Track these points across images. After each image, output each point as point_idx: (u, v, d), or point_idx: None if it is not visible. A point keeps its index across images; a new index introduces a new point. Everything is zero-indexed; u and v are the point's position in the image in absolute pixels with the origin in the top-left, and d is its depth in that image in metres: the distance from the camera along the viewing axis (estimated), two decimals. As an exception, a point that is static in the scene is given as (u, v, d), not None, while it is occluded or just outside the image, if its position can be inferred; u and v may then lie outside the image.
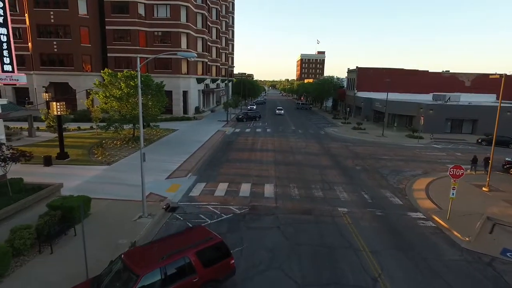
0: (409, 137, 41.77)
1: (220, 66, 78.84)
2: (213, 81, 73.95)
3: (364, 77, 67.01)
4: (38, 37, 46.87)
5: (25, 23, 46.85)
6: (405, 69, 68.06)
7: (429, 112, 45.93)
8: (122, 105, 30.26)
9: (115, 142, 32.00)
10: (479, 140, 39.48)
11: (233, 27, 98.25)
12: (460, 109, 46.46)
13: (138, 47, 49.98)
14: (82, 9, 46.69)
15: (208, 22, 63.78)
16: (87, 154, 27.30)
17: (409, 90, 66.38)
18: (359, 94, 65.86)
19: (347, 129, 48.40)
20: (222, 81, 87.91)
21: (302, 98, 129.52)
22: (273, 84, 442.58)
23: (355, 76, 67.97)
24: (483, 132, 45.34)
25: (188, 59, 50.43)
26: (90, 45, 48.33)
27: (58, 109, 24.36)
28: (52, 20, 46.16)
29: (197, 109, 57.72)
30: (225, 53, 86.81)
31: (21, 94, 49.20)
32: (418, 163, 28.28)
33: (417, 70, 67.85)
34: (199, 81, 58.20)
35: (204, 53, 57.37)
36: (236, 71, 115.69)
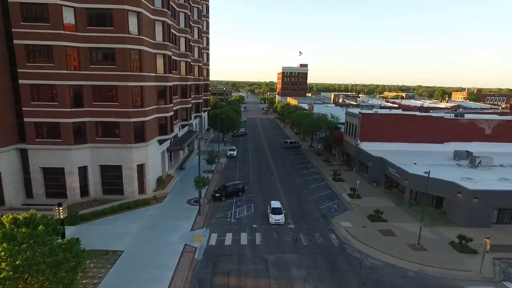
0: (458, 249, 29.53)
1: (192, 83, 63.70)
2: (183, 125, 59.67)
3: (368, 124, 55.06)
4: None
5: None
6: (417, 115, 56.76)
7: (473, 200, 34.17)
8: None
9: None
10: (559, 262, 27.87)
11: (208, 33, 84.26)
12: (512, 196, 34.90)
13: (65, 71, 33.97)
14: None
15: (173, 32, 49.06)
16: None
17: (421, 139, 55.21)
18: (363, 146, 53.74)
19: (362, 219, 35.79)
20: (196, 116, 73.78)
21: (285, 124, 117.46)
22: (252, 89, 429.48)
23: (357, 123, 55.87)
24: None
25: None
26: None
27: None
28: None
29: (159, 181, 43.30)
30: (198, 66, 72.28)
31: None
32: None
33: (431, 116, 56.74)
34: (162, 142, 43.81)
35: (167, 75, 42.31)
36: (211, 77, 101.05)
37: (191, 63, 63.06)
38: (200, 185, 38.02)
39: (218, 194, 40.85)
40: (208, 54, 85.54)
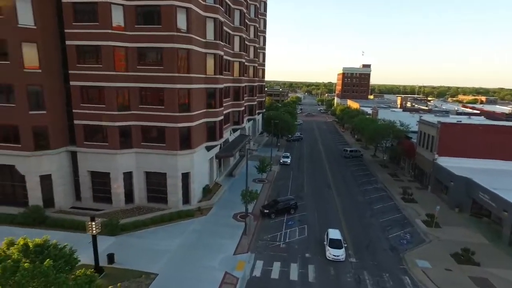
0: None
1: (246, 85, 60.28)
2: (235, 130, 56.55)
3: (449, 136, 46.06)
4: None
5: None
6: (515, 126, 46.07)
7: None
8: None
9: None
10: None
11: (264, 32, 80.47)
12: None
13: (113, 72, 32.40)
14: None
15: (227, 30, 45.92)
16: None
17: (519, 155, 44.56)
18: (442, 162, 45.01)
19: (445, 257, 28.40)
20: (249, 119, 70.54)
21: (344, 129, 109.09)
22: (309, 90, 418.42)
23: (435, 133, 47.14)
24: None
25: None
26: (40, 71, 31.33)
27: None
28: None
29: (205, 190, 40.31)
30: (254, 66, 68.60)
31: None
32: None
33: (536, 128, 45.58)
34: (210, 148, 40.82)
35: (218, 76, 38.83)
36: (268, 77, 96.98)
37: (246, 63, 59.74)
38: (247, 200, 34.06)
39: (268, 211, 36.40)
40: (264, 54, 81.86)
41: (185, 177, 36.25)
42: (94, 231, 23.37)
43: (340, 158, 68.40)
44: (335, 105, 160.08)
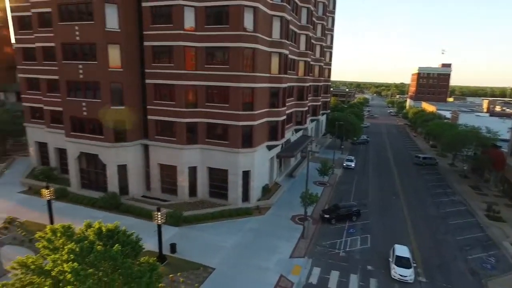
0: None
1: (310, 84, 58.88)
2: (298, 130, 55.60)
3: (552, 146, 38.92)
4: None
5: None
6: None
7: None
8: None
9: None
10: None
11: (332, 30, 77.66)
12: None
13: (183, 71, 34.10)
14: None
15: (293, 28, 45.13)
16: None
17: None
18: (541, 177, 38.25)
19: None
20: (313, 120, 68.93)
21: (416, 134, 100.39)
22: (378, 91, 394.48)
23: (533, 142, 40.26)
24: None
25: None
26: (122, 70, 34.49)
27: None
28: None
29: (265, 189, 40.29)
30: (319, 65, 66.65)
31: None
32: None
33: None
34: (271, 147, 40.64)
35: (282, 75, 38.38)
36: (334, 77, 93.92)
37: (311, 62, 58.30)
38: (306, 202, 33.04)
39: (328, 215, 34.89)
40: (331, 53, 79.07)
41: (246, 175, 36.60)
42: (159, 221, 24.83)
43: (411, 165, 62.86)
44: (407, 107, 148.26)
